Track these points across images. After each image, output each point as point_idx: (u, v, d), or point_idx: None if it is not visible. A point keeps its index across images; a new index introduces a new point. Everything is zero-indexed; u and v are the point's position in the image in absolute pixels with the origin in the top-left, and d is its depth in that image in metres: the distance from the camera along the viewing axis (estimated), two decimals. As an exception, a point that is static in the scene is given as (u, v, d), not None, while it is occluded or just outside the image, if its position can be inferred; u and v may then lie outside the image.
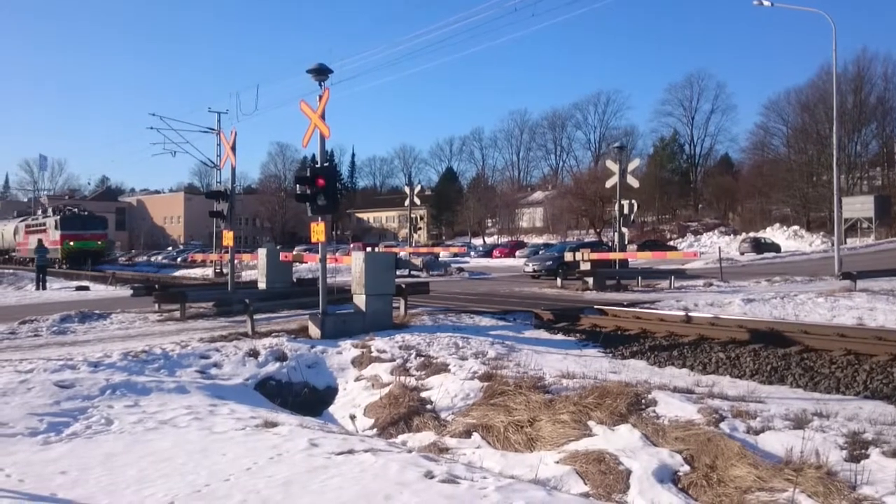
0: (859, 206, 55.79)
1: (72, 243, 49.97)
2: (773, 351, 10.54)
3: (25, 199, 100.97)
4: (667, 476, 6.11)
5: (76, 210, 55.93)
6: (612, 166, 27.68)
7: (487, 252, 66.22)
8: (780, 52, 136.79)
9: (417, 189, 40.00)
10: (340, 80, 47.54)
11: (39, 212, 59.02)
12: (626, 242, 28.00)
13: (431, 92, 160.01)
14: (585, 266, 24.42)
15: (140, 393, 8.71)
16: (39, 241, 39.76)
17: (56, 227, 51.30)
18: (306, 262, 20.75)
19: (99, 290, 27.42)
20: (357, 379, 10.55)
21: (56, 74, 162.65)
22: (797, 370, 9.65)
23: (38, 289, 29.23)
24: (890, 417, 7.02)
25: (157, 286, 20.71)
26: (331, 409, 9.95)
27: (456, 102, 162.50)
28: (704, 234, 71.33)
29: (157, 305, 17.21)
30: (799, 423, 6.66)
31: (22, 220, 61.83)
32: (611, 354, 11.53)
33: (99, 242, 52.64)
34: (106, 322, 15.46)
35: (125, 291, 24.11)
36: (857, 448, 5.94)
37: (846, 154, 67.39)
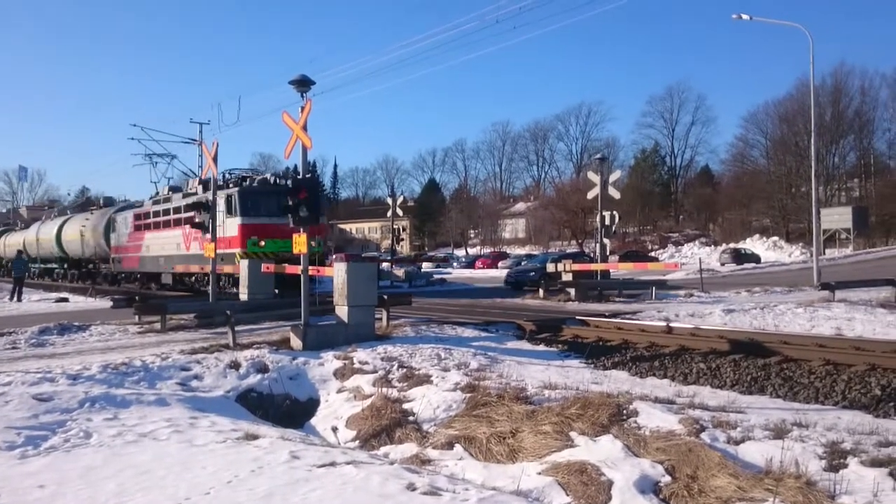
0: (837, 218, 56.47)
1: (262, 242, 24.55)
2: (753, 361, 10.62)
3: (4, 210, 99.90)
4: (648, 487, 6.13)
5: (270, 177, 27.87)
6: (594, 178, 27.85)
7: (470, 263, 66.20)
8: (759, 65, 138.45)
9: (400, 200, 40.10)
10: (323, 91, 47.49)
11: (196, 183, 29.55)
12: (608, 253, 28.13)
13: (414, 103, 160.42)
14: (567, 277, 24.51)
15: (120, 406, 8.64)
16: (19, 252, 38.84)
17: (232, 210, 25.33)
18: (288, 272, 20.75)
19: (78, 302, 27.12)
20: (339, 391, 10.51)
21: (36, 84, 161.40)
22: (777, 380, 9.72)
23: (13, 300, 28.84)
24: (868, 427, 7.07)
25: (136, 298, 20.51)
26: (312, 421, 9.90)
27: (439, 114, 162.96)
28: (685, 245, 71.77)
29: (137, 317, 17.07)
30: (779, 433, 6.71)
31: (123, 210, 37.26)
32: (593, 365, 11.56)
33: (315, 242, 20.73)
34: (85, 334, 15.32)
35: (105, 303, 23.86)
36: (836, 458, 5.99)
37: (824, 166, 68.21)
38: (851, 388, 9.03)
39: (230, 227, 25.16)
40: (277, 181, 26.35)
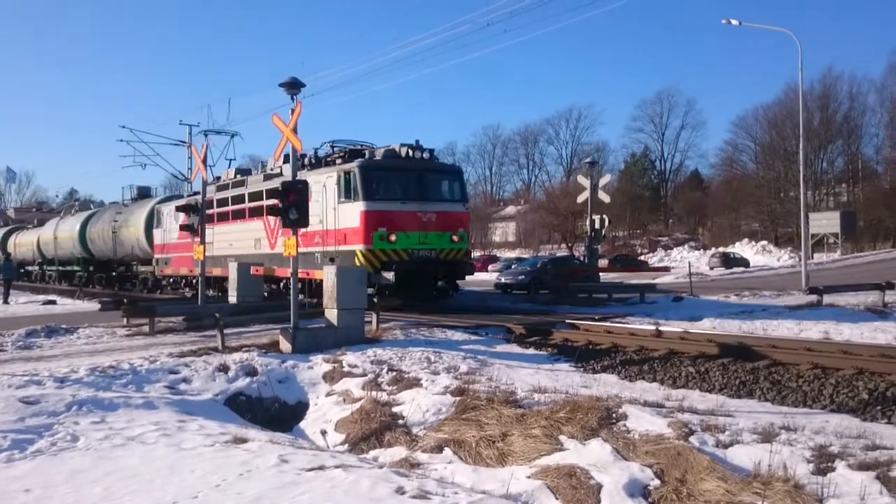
0: (826, 222, 56.72)
1: (392, 236, 18.40)
2: (742, 365, 10.65)
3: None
4: (637, 490, 6.14)
5: (399, 148, 20.03)
6: (584, 181, 27.93)
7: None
8: (748, 70, 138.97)
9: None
10: (313, 94, 47.28)
11: (277, 160, 23.08)
12: (598, 257, 28.18)
13: (405, 106, 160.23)
14: (557, 280, 24.56)
15: (107, 409, 8.59)
16: (8, 254, 38.55)
17: (351, 192, 18.64)
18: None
19: (66, 305, 26.97)
20: (328, 394, 10.49)
21: (24, 86, 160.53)
22: (765, 384, 9.76)
23: (2, 302, 28.69)
24: (855, 431, 7.11)
25: (125, 300, 20.43)
26: (302, 424, 9.88)
27: (429, 116, 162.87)
28: (675, 249, 72.01)
29: (125, 320, 16.99)
30: (767, 436, 6.74)
31: (170, 200, 31.53)
32: (582, 369, 11.58)
33: (456, 236, 19.56)
34: (73, 337, 15.23)
35: (93, 305, 23.77)
36: (823, 461, 6.02)
37: (813, 171, 68.54)
38: (839, 391, 9.08)
39: (346, 215, 18.45)
40: (411, 153, 19.33)
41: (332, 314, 13.47)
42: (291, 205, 12.80)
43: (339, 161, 20.22)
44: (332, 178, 19.06)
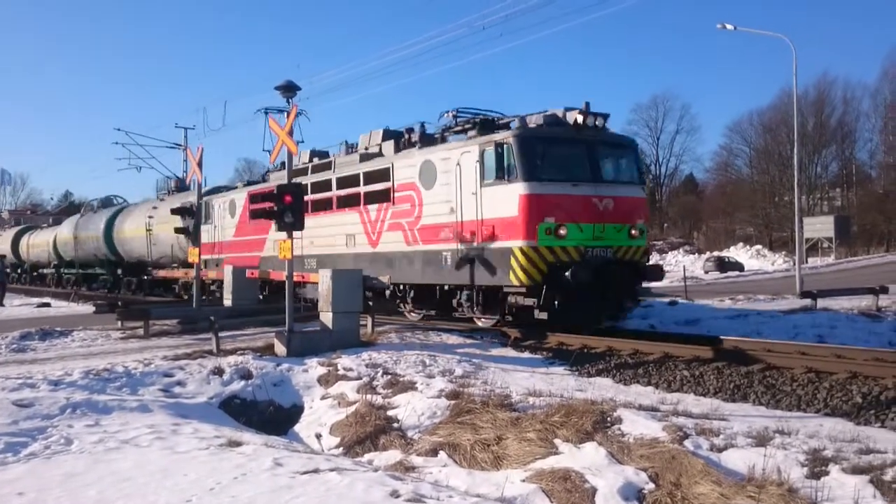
0: (820, 227, 56.96)
1: (562, 229, 13.61)
2: (737, 369, 10.67)
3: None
4: (632, 494, 6.15)
5: (562, 113, 14.82)
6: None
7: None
8: (743, 75, 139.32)
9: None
10: (309, 97, 47.37)
11: (374, 138, 18.92)
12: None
13: (402, 109, 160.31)
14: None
15: (101, 412, 8.58)
16: (2, 257, 38.34)
17: (504, 171, 13.79)
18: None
19: (61, 307, 26.91)
20: (323, 397, 10.48)
21: (18, 88, 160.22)
22: (759, 388, 9.77)
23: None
24: (849, 435, 7.13)
25: (119, 303, 20.38)
26: (296, 427, 9.86)
27: (426, 118, 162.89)
28: (669, 253, 72.13)
29: (120, 323, 16.97)
30: (761, 440, 6.75)
31: (220, 192, 27.21)
32: (577, 372, 11.58)
33: (635, 229, 14.71)
34: (67, 339, 15.20)
35: (88, 308, 23.72)
36: (817, 465, 6.04)
37: (807, 175, 68.72)
38: (833, 395, 9.09)
39: (499, 200, 13.99)
40: (580, 120, 14.40)
41: (327, 317, 13.46)
42: (287, 207, 12.79)
43: (471, 133, 15.55)
44: (469, 154, 14.62)
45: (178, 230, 21.26)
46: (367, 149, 18.83)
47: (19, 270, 50.75)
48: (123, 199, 40.68)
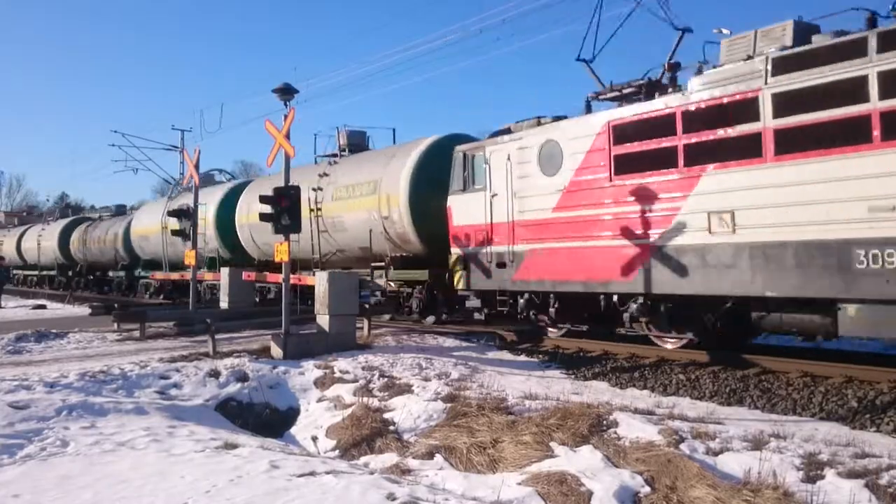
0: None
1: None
2: (732, 373, 10.68)
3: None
4: (628, 497, 6.15)
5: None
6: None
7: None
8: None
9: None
10: (306, 100, 47.33)
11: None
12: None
13: (400, 113, 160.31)
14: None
15: (97, 414, 8.56)
16: (1, 258, 38.14)
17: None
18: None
19: (56, 310, 26.85)
20: (319, 400, 10.47)
21: (13, 90, 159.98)
22: (755, 392, 9.78)
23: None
24: (845, 439, 7.14)
25: (115, 305, 20.35)
26: (293, 430, 9.86)
27: (420, 122, 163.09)
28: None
29: (116, 325, 16.94)
30: (757, 444, 6.76)
31: (575, 121, 13.05)
32: (573, 375, 11.59)
33: None
34: (63, 341, 15.18)
35: (83, 310, 23.68)
36: (813, 469, 6.04)
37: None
38: (829, 399, 9.11)
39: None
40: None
41: (323, 320, 13.46)
42: (283, 209, 12.79)
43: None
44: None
45: (174, 233, 21.11)
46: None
47: (70, 273, 39.79)
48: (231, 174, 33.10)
